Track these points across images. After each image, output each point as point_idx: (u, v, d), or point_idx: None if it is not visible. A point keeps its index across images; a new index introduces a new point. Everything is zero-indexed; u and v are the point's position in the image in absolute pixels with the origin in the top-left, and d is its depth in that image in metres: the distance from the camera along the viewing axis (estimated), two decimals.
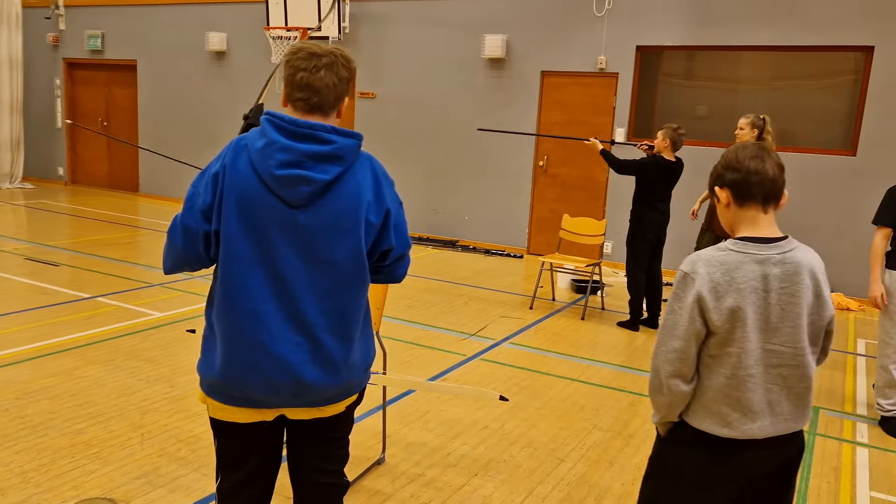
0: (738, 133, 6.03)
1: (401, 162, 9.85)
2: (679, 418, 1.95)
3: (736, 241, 1.88)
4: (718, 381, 1.87)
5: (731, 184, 1.90)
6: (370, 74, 9.90)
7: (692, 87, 8.30)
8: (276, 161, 1.83)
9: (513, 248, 9.22)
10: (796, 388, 1.89)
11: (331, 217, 1.88)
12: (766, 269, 1.84)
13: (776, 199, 1.91)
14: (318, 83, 1.90)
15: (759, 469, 1.92)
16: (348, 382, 2.03)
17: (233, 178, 1.87)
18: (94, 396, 3.99)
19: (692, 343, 1.86)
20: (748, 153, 1.89)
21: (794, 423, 1.91)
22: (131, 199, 11.91)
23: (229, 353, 1.91)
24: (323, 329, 1.92)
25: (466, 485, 3.28)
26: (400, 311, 6.02)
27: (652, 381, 1.95)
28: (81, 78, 12.78)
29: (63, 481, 3.10)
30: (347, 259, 1.92)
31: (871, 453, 3.89)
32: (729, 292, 1.82)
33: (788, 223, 8.15)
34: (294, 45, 1.94)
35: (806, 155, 7.57)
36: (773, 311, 1.84)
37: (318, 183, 1.85)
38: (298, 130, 1.84)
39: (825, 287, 1.91)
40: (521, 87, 8.95)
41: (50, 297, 5.89)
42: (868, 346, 5.99)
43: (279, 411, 2.00)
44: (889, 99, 7.18)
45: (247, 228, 1.86)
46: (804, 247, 1.93)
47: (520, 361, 5.01)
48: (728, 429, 1.87)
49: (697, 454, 1.93)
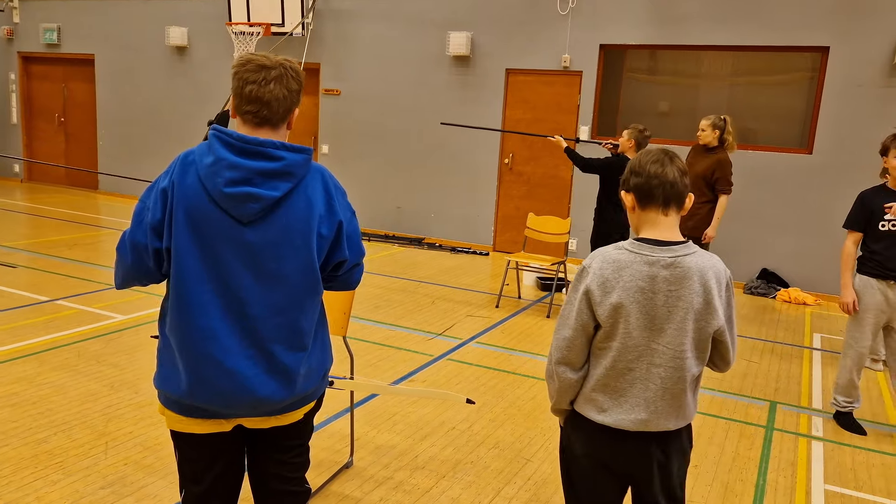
0: (700, 134, 6.16)
1: (365, 159, 9.83)
2: (570, 406, 2.07)
3: (632, 242, 1.96)
4: (601, 371, 1.98)
5: (635, 187, 1.98)
6: (334, 71, 9.84)
7: (655, 86, 8.42)
8: (225, 179, 1.83)
9: (479, 245, 9.27)
10: (672, 389, 1.96)
11: (281, 232, 1.89)
12: (654, 270, 1.91)
13: (677, 203, 1.97)
14: (268, 96, 1.89)
15: (633, 460, 2.01)
16: (304, 392, 2.05)
17: (182, 195, 1.86)
18: (57, 404, 3.93)
19: (580, 333, 1.97)
20: (650, 158, 1.97)
21: (666, 422, 1.98)
22: (90, 197, 11.68)
23: (184, 368, 1.92)
24: (275, 342, 1.93)
25: (434, 487, 3.31)
26: (367, 312, 6.03)
27: (546, 370, 2.07)
28: (37, 72, 12.47)
29: (25, 493, 3.05)
30: (298, 273, 1.93)
31: (826, 447, 4.02)
32: (615, 289, 1.91)
33: (748, 219, 8.35)
34: (242, 57, 1.93)
35: (764, 153, 7.75)
36: (659, 311, 1.92)
37: (267, 200, 1.85)
38: (247, 147, 1.84)
39: (717, 296, 1.94)
40: (486, 85, 8.99)
41: (7, 300, 5.77)
42: (824, 340, 6.17)
43: (237, 421, 2.02)
44: (844, 99, 7.38)
45: (197, 244, 1.86)
46: (704, 254, 1.98)
47: (486, 361, 5.06)
48: (603, 415, 1.99)
49: (578, 437, 2.06)
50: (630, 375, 1.96)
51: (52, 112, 12.41)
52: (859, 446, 4.04)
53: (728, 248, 7.99)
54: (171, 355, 1.95)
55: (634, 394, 1.96)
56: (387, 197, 9.76)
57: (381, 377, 4.61)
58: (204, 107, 10.72)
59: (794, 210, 7.69)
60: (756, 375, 5.12)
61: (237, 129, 1.92)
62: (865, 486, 3.58)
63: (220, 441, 2.04)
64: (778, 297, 7.53)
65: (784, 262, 7.79)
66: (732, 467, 3.69)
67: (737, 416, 4.35)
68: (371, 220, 9.85)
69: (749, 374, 5.12)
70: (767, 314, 6.91)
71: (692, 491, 3.41)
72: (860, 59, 7.26)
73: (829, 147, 7.49)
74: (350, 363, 3.38)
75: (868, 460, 3.88)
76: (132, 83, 11.39)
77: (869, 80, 7.25)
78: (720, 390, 4.76)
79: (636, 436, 1.98)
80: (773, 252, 7.81)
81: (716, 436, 4.05)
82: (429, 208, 9.54)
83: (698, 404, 4.31)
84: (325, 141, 10.06)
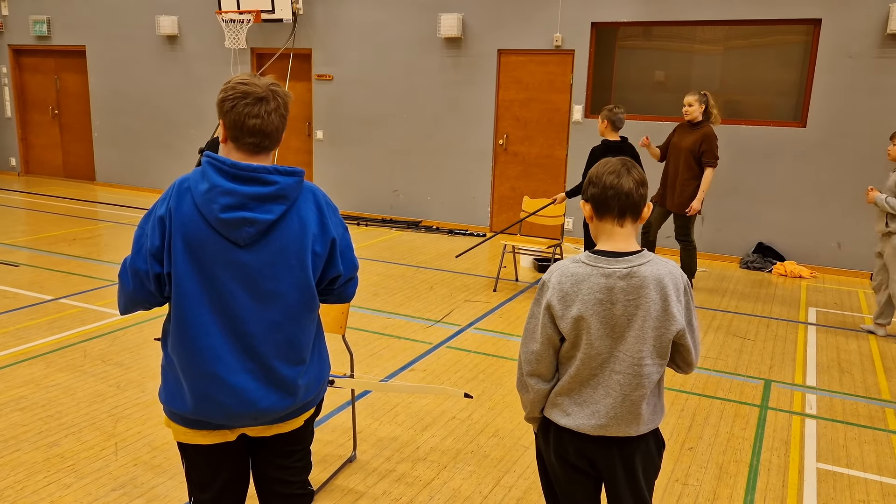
0: (688, 110, 6.22)
1: (360, 144, 9.84)
2: (541, 413, 2.15)
3: (589, 255, 2.01)
4: (566, 378, 2.06)
5: (591, 198, 2.03)
6: (326, 56, 9.82)
7: (648, 61, 8.40)
8: (220, 205, 1.89)
9: (475, 226, 9.31)
10: (631, 395, 2.01)
11: (276, 253, 1.95)
12: (611, 282, 1.96)
13: (633, 213, 2.00)
14: (270, 127, 1.96)
15: (598, 461, 2.09)
16: (304, 402, 2.13)
17: (179, 221, 1.92)
18: (65, 406, 4.01)
19: (547, 346, 2.04)
20: (607, 169, 2.00)
21: (627, 428, 2.04)
22: (88, 189, 11.70)
23: (187, 386, 2.00)
24: (274, 357, 2.00)
25: (436, 478, 3.40)
26: (366, 300, 6.10)
27: (517, 380, 2.14)
28: (29, 65, 12.42)
29: (39, 497, 3.15)
30: (294, 291, 1.99)
31: (819, 424, 4.11)
32: (575, 302, 1.97)
33: (743, 193, 8.37)
34: (234, 87, 1.94)
35: (759, 127, 7.76)
36: (618, 321, 1.97)
37: (262, 223, 1.91)
38: (241, 174, 1.90)
39: (674, 301, 1.97)
40: (479, 66, 8.97)
41: (11, 300, 5.84)
42: (819, 314, 6.24)
43: (240, 431, 2.11)
44: (837, 71, 7.38)
45: (195, 268, 1.93)
46: (660, 261, 2.01)
47: (485, 347, 5.14)
48: (566, 419, 2.07)
49: (548, 441, 2.15)
50: (593, 381, 2.03)
51: (45, 104, 12.39)
52: (852, 423, 4.13)
53: (723, 222, 8.06)
54: (175, 373, 2.02)
55: (595, 399, 2.02)
56: (383, 181, 9.79)
57: (381, 367, 4.69)
58: (198, 95, 10.72)
59: (788, 183, 7.72)
60: (751, 353, 5.20)
61: (230, 155, 1.98)
62: (857, 464, 3.67)
63: (225, 450, 2.13)
64: (774, 270, 7.60)
65: (779, 235, 7.84)
66: (727, 448, 3.78)
67: (732, 396, 4.43)
68: (368, 204, 9.89)
69: (744, 353, 5.20)
70: (763, 289, 6.99)
71: (687, 473, 3.51)
72: (852, 30, 7.25)
73: (823, 120, 7.50)
74: (350, 361, 3.45)
75: (860, 436, 3.97)
76: (124, 73, 11.36)
77: (861, 52, 7.24)
78: (715, 370, 4.84)
79: (597, 440, 2.05)
80: (769, 226, 7.86)
81: (711, 416, 4.14)
82: (425, 191, 9.57)
83: (693, 386, 4.34)
84: (320, 126, 10.06)
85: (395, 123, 9.58)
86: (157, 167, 11.34)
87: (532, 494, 3.27)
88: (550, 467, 2.19)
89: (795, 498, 3.35)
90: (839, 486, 3.45)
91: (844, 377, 4.81)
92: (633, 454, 2.08)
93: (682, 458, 3.66)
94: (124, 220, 9.27)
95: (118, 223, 9.15)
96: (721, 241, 8.10)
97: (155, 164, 11.38)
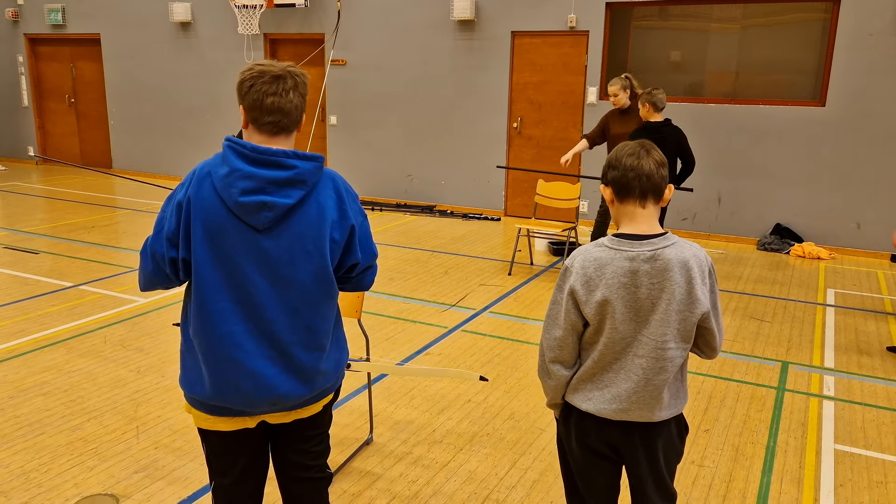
0: (614, 100, 6.36)
1: (374, 128, 9.84)
2: (563, 399, 2.14)
3: (612, 238, 2.00)
4: (589, 363, 2.05)
5: (612, 181, 2.02)
6: (339, 41, 9.79)
7: (663, 41, 8.31)
8: (240, 189, 1.89)
9: (490, 210, 9.30)
10: (654, 380, 1.99)
11: (295, 239, 1.95)
12: (635, 265, 1.95)
13: (655, 195, 1.99)
14: (288, 105, 1.97)
15: (619, 445, 2.08)
16: (323, 388, 2.14)
17: (198, 206, 1.93)
18: (87, 391, 4.08)
19: (570, 333, 2.03)
20: (627, 151, 1.99)
21: (649, 413, 2.03)
22: (105, 177, 11.79)
23: (207, 372, 2.01)
24: (294, 344, 2.01)
25: (452, 460, 3.43)
26: (381, 285, 6.13)
27: (539, 366, 2.13)
28: (45, 54, 12.50)
29: (64, 479, 3.21)
30: (313, 278, 2.00)
31: (837, 406, 4.09)
32: (599, 287, 1.96)
33: (761, 175, 8.28)
34: (251, 68, 1.97)
35: (776, 107, 7.67)
36: (643, 304, 1.96)
37: (280, 208, 1.92)
38: (260, 157, 1.90)
39: (699, 284, 1.96)
40: (493, 49, 8.92)
41: (32, 287, 5.92)
42: (837, 295, 6.19)
43: (260, 418, 2.12)
44: (857, 50, 7.26)
45: (214, 254, 1.94)
46: (685, 243, 2.00)
47: (500, 331, 5.15)
48: (588, 403, 2.06)
49: (569, 426, 2.14)
50: (615, 365, 2.02)
51: (61, 93, 12.48)
52: (870, 404, 4.11)
53: (740, 203, 8.00)
54: (195, 359, 2.04)
55: (617, 384, 2.01)
56: (397, 166, 9.79)
57: (397, 352, 4.72)
58: (212, 82, 10.74)
59: (807, 164, 7.64)
60: (768, 335, 5.17)
61: (250, 139, 1.99)
62: (875, 445, 3.65)
63: (245, 437, 2.15)
64: (792, 252, 7.54)
65: (797, 216, 7.76)
66: (743, 430, 3.78)
67: (748, 379, 4.42)
68: (382, 189, 9.90)
69: (761, 335, 5.18)
70: (781, 271, 6.93)
71: (703, 455, 3.51)
72: (872, 7, 7.12)
73: (843, 99, 7.39)
74: (366, 345, 3.48)
75: (878, 418, 3.95)
76: (139, 61, 11.40)
77: (882, 30, 7.12)
78: (732, 352, 4.83)
79: (619, 424, 2.05)
80: (787, 207, 7.79)
81: (727, 399, 4.13)
82: (439, 175, 9.56)
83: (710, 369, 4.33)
84: (334, 111, 10.06)
85: (409, 108, 9.56)
86: (173, 154, 11.41)
87: (548, 476, 3.29)
88: (571, 454, 2.18)
89: (812, 479, 3.34)
90: (857, 468, 3.44)
91: (863, 359, 4.78)
92: (656, 439, 2.07)
93: (697, 440, 3.66)
94: (140, 208, 9.35)
95: (133, 210, 9.23)
96: (738, 222, 8.03)
97: (170, 151, 11.45)
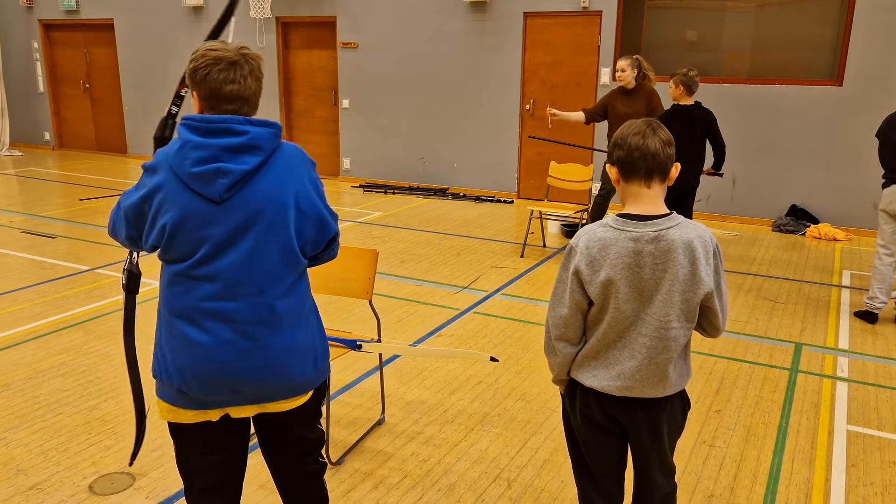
0: (621, 75, 6.39)
1: (386, 111, 9.82)
2: (568, 375, 2.17)
3: (616, 218, 2.00)
4: (593, 341, 2.07)
5: (618, 160, 2.01)
6: (350, 23, 9.76)
7: (678, 22, 8.22)
8: (192, 159, 1.84)
9: (503, 193, 9.28)
10: (657, 359, 2.01)
11: (256, 210, 1.88)
12: (639, 245, 1.95)
13: (661, 174, 1.99)
14: (247, 92, 1.92)
15: (623, 421, 2.10)
16: (293, 381, 2.02)
17: (159, 193, 1.89)
18: (104, 372, 4.14)
19: (575, 311, 2.05)
20: (632, 130, 1.98)
21: (653, 390, 2.04)
22: (120, 162, 11.88)
23: (168, 353, 1.95)
24: (254, 324, 1.92)
25: (464, 440, 3.45)
26: (393, 267, 6.14)
27: (545, 343, 2.16)
28: (59, 39, 12.56)
29: (82, 458, 3.27)
30: (277, 251, 1.92)
31: (851, 387, 4.07)
32: (603, 267, 1.97)
33: (776, 155, 8.20)
34: (207, 55, 1.89)
35: (793, 87, 7.57)
36: (646, 284, 1.97)
37: (235, 173, 1.85)
38: (212, 126, 1.86)
39: (703, 265, 1.95)
40: (505, 30, 8.86)
41: (49, 271, 5.99)
42: (853, 277, 6.14)
43: (223, 411, 2.01)
44: (875, 27, 7.14)
45: (176, 231, 1.88)
46: (689, 224, 1.99)
47: (512, 312, 5.16)
48: (593, 379, 2.08)
49: (574, 402, 2.17)
50: (619, 343, 2.03)
51: (76, 78, 12.54)
52: (884, 385, 4.08)
53: (755, 184, 7.93)
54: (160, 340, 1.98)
55: (621, 361, 2.03)
56: (409, 149, 9.78)
57: (409, 333, 4.74)
58: None
59: (823, 144, 7.55)
60: (782, 317, 5.14)
61: None
62: (888, 426, 3.64)
63: (210, 431, 2.04)
64: (807, 233, 7.47)
65: (813, 197, 7.69)
66: (756, 411, 3.77)
67: (761, 360, 4.41)
68: (395, 172, 9.90)
69: (775, 316, 5.15)
70: (796, 252, 6.88)
71: (714, 435, 3.51)
72: None
73: (860, 78, 7.29)
74: (377, 326, 3.50)
75: (892, 399, 3.93)
76: (153, 45, 11.43)
77: None
78: (745, 333, 4.81)
79: (622, 401, 2.07)
80: (803, 187, 7.71)
81: (739, 380, 4.12)
82: (452, 158, 9.54)
83: (722, 350, 4.33)
84: (346, 95, 10.05)
85: (421, 90, 9.53)
86: None
87: (558, 455, 3.31)
88: (577, 428, 2.21)
89: (824, 459, 3.33)
90: (869, 448, 3.43)
91: (878, 340, 4.74)
92: (659, 415, 2.09)
93: (709, 420, 3.66)
94: None
95: None
96: (753, 203, 7.97)
97: None
